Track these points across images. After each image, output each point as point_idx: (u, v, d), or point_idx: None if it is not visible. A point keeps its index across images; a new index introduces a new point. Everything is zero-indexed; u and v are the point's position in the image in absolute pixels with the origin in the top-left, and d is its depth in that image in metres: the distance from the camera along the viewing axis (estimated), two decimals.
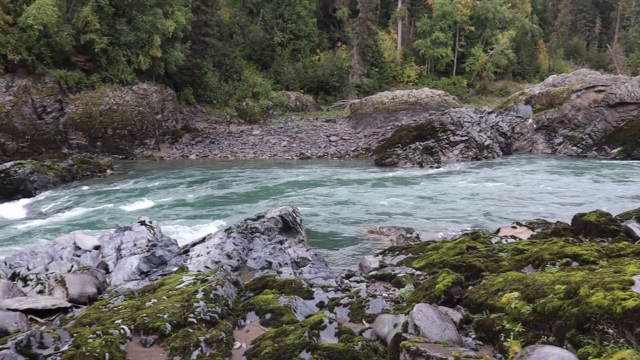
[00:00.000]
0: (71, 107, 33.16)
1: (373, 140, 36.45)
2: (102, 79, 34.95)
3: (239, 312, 5.85)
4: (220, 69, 44.91)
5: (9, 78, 31.60)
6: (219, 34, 47.21)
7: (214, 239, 10.44)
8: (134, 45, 35.40)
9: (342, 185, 23.02)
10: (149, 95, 36.11)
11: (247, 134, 38.66)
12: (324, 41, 55.63)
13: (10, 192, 20.27)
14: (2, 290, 6.81)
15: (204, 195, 20.78)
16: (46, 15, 30.79)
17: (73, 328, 5.42)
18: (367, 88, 49.88)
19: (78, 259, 9.35)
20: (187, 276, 6.75)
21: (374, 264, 9.54)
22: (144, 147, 33.65)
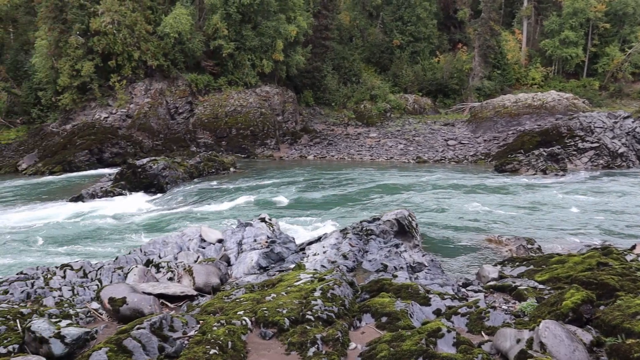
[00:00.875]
0: (200, 108, 35.44)
1: (493, 146, 34.99)
2: (228, 82, 37.01)
3: (355, 313, 5.87)
4: (339, 71, 45.62)
5: (148, 82, 34.48)
6: (338, 38, 47.97)
7: (329, 238, 10.57)
8: (258, 49, 37.06)
9: (459, 190, 22.33)
10: (271, 98, 37.58)
11: (364, 136, 38.85)
12: (444, 43, 54.37)
13: (145, 186, 22.10)
14: (139, 274, 7.42)
15: (319, 195, 21.19)
16: (181, 24, 33.21)
17: (199, 315, 5.75)
18: (488, 91, 47.97)
19: (203, 251, 9.92)
20: (305, 274, 6.90)
21: (492, 274, 9.13)
22: (265, 147, 35.04)
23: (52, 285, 7.69)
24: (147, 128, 33.11)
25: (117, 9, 32.23)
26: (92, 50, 32.81)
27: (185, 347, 4.77)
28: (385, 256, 9.16)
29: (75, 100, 33.48)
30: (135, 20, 33.18)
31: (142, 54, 33.62)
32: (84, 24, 32.70)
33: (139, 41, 33.45)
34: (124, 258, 9.16)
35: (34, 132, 35.59)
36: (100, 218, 17.89)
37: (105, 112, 33.40)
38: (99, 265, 8.49)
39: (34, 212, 19.37)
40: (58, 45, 33.04)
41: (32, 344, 4.89)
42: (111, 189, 21.43)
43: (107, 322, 6.06)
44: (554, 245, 13.51)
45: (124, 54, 33.21)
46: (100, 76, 33.52)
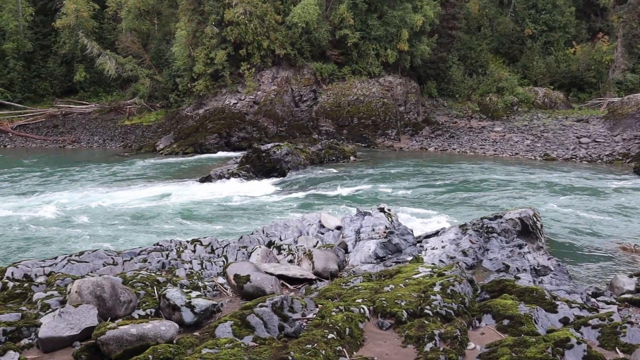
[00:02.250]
0: (323, 96, 36.11)
1: (633, 145, 31.95)
2: (352, 71, 37.29)
3: (475, 312, 5.68)
4: (465, 62, 44.10)
5: (275, 70, 35.78)
6: (466, 27, 46.31)
7: (448, 233, 10.32)
8: (383, 39, 36.89)
9: (591, 192, 20.73)
10: (394, 88, 37.32)
11: (488, 130, 37.31)
12: (582, 32, 50.34)
13: (268, 170, 23.06)
14: (261, 255, 7.75)
15: (437, 189, 20.76)
16: (309, 14, 33.96)
17: (317, 299, 5.89)
18: (630, 85, 43.79)
19: (322, 236, 10.13)
20: (423, 267, 6.80)
21: (628, 286, 8.41)
22: (385, 137, 34.92)
23: (184, 258, 8.28)
24: (272, 114, 34.41)
25: (249, 0, 33.69)
26: (225, 39, 34.65)
27: (304, 329, 4.91)
28: (507, 256, 8.76)
29: (208, 86, 35.64)
30: (265, 10, 34.49)
31: (271, 43, 34.89)
32: (219, 15, 34.60)
33: (268, 31, 34.75)
34: (248, 238, 9.62)
35: (170, 115, 38.51)
36: (226, 198, 18.99)
37: (235, 98, 35.18)
38: (225, 243, 9.00)
39: (169, 187, 21.04)
40: (195, 35, 35.31)
41: (166, 310, 5.29)
42: (237, 172, 22.60)
43: (231, 297, 6.41)
44: None
45: (254, 43, 34.70)
46: (231, 64, 35.36)
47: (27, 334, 4.69)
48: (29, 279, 6.77)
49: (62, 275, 6.70)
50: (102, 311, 4.96)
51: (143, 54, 42.66)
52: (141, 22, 43.59)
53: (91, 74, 42.77)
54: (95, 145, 36.76)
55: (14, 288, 6.22)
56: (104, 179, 23.76)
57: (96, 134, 38.45)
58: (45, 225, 15.51)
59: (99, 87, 44.36)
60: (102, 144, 36.88)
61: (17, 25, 41.42)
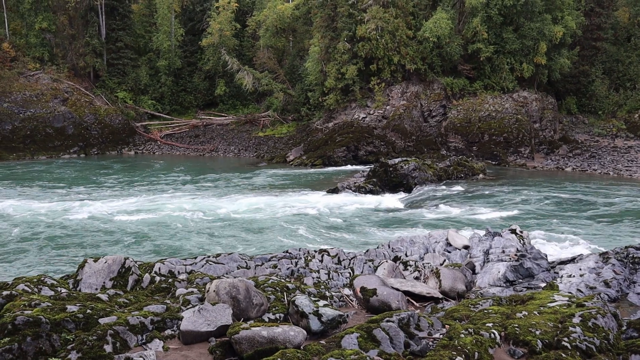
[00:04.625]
0: (453, 112, 35.35)
1: None
2: (484, 86, 36.10)
3: (620, 351, 5.21)
4: (610, 76, 40.72)
5: (404, 85, 35.73)
6: (613, 38, 42.79)
7: (587, 261, 9.56)
8: (519, 52, 35.33)
9: None
10: (529, 104, 35.51)
11: (636, 150, 34.06)
12: None
13: (394, 185, 23.01)
14: (388, 269, 7.76)
15: (574, 211, 19.34)
16: (441, 28, 33.54)
17: (444, 319, 5.76)
18: None
19: (448, 255, 9.90)
20: (559, 296, 6.38)
21: None
22: (518, 155, 33.30)
23: (311, 266, 8.52)
24: (400, 129, 34.35)
25: (381, 16, 34.06)
26: (356, 55, 35.30)
27: (430, 349, 4.83)
28: None
29: (338, 100, 36.49)
30: (397, 25, 34.62)
31: (402, 58, 34.94)
32: (351, 31, 35.37)
33: (399, 46, 34.83)
34: (374, 251, 9.67)
35: (301, 128, 39.98)
36: (352, 210, 19.25)
37: (364, 113, 35.64)
38: (352, 255, 9.13)
39: (298, 197, 21.82)
40: (327, 51, 36.41)
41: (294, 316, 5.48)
42: (363, 185, 22.82)
43: (357, 309, 6.47)
44: None
45: (385, 58, 34.96)
46: (361, 79, 35.93)
47: (170, 325, 5.11)
48: (172, 275, 7.39)
49: (201, 274, 7.21)
50: (236, 311, 5.26)
51: (278, 69, 44.84)
52: (277, 40, 45.91)
53: (230, 88, 45.80)
54: (231, 154, 39.17)
55: (160, 282, 6.81)
56: (238, 187, 25.22)
57: (232, 143, 40.99)
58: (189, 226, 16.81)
59: (236, 100, 47.37)
60: (237, 154, 39.22)
61: (169, 45, 45.64)
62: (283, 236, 15.62)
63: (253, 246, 14.37)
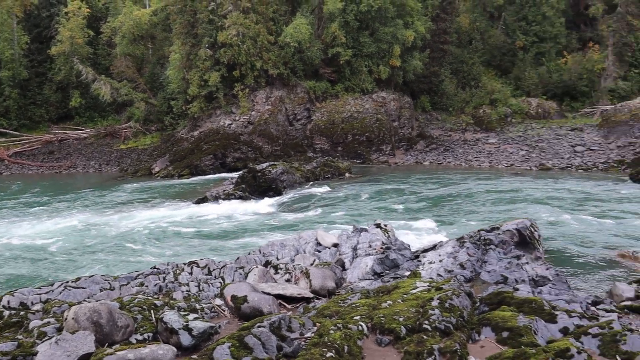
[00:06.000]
0: (317, 114, 36.29)
1: (628, 152, 32.11)
2: (345, 88, 37.55)
3: (474, 325, 5.65)
4: (457, 76, 44.46)
5: (268, 90, 35.98)
6: (457, 41, 46.77)
7: (446, 247, 10.30)
8: (375, 55, 37.22)
9: (587, 201, 20.74)
10: (387, 103, 37.53)
11: (483, 142, 37.47)
12: (573, 42, 50.88)
13: (264, 190, 23.04)
14: (259, 275, 7.72)
15: (434, 202, 20.75)
16: (301, 33, 34.29)
17: (315, 317, 5.86)
18: (623, 93, 44.14)
19: (318, 254, 10.12)
20: (421, 282, 6.78)
21: (627, 293, 8.34)
22: (380, 153, 35.03)
23: (181, 280, 8.23)
24: (267, 134, 34.52)
25: (242, 22, 34.00)
26: (219, 61, 34.88)
27: (302, 348, 4.87)
28: (505, 268, 8.74)
29: (202, 108, 35.79)
30: (258, 31, 34.78)
31: (264, 63, 35.14)
32: (212, 37, 34.89)
33: (261, 51, 35.00)
34: (245, 258, 9.59)
35: (166, 138, 38.61)
36: (222, 219, 18.94)
37: (229, 119, 35.31)
38: (222, 264, 8.96)
39: (165, 210, 20.97)
40: (189, 58, 35.57)
41: (163, 334, 5.25)
42: (233, 192, 22.58)
43: (229, 318, 6.36)
44: None
45: (247, 64, 34.94)
46: (225, 85, 35.55)
47: None
48: (25, 307, 6.72)
49: (58, 302, 6.65)
50: (100, 337, 4.92)
51: (137, 78, 42.91)
52: (135, 47, 43.90)
53: (86, 100, 42.97)
54: (92, 169, 36.76)
55: (10, 317, 6.16)
56: (99, 204, 23.71)
57: (92, 158, 38.48)
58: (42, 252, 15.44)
59: (94, 112, 44.54)
60: (98, 169, 36.89)
61: (12, 54, 41.71)
62: (151, 252, 14.94)
63: (118, 266, 13.56)
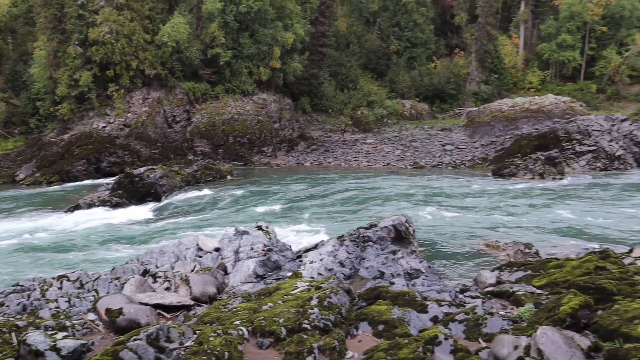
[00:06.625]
0: (197, 116, 35.50)
1: (490, 150, 35.06)
2: (226, 90, 37.10)
3: (352, 321, 5.86)
4: (336, 78, 45.74)
5: (145, 91, 34.54)
6: (335, 45, 48.13)
7: (326, 246, 10.55)
8: (256, 57, 37.18)
9: (457, 195, 22.34)
10: (268, 105, 37.66)
11: (361, 142, 38.91)
12: (441, 48, 54.57)
13: (142, 195, 22.09)
14: (136, 285, 7.40)
15: (316, 202, 21.18)
16: (179, 32, 33.33)
17: (195, 325, 5.74)
18: (485, 95, 48.12)
19: (200, 260, 9.91)
20: (302, 282, 6.90)
21: (490, 280, 9.10)
22: (262, 155, 35.08)
23: (49, 296, 7.67)
24: (144, 137, 33.13)
25: (115, 19, 32.32)
26: (90, 60, 32.87)
27: (182, 358, 4.76)
28: (382, 263, 9.15)
29: (73, 110, 33.51)
30: (133, 29, 33.25)
31: (140, 63, 33.69)
32: (83, 34, 32.79)
33: (136, 50, 33.51)
34: (121, 268, 9.14)
35: (31, 142, 35.58)
36: (97, 228, 17.87)
37: (103, 122, 33.42)
38: (96, 276, 8.48)
39: (31, 222, 19.33)
40: (56, 56, 33.10)
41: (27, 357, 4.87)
42: (108, 198, 21.41)
43: (104, 333, 6.05)
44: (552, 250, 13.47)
45: (122, 64, 33.28)
46: (98, 86, 33.56)
47: None
48: None
49: None
50: None
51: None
52: None
53: None
54: None
55: None
56: None
57: None
58: None
59: None
60: None
61: None
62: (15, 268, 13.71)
63: None
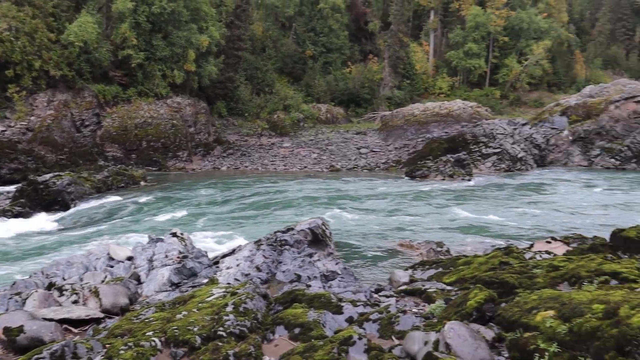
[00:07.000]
0: (108, 120, 34.04)
1: (403, 153, 36.28)
2: (138, 93, 35.83)
3: (268, 325, 5.85)
4: (252, 82, 45.52)
5: (51, 93, 32.64)
6: (251, 48, 47.91)
7: (243, 251, 10.47)
8: (169, 59, 36.23)
9: (372, 197, 22.92)
10: (183, 109, 36.81)
11: (278, 146, 38.96)
12: (356, 54, 55.82)
13: (48, 203, 20.84)
14: (39, 300, 6.98)
15: (233, 207, 20.96)
16: (87, 32, 31.79)
17: (105, 339, 5.51)
18: (398, 100, 49.75)
19: (111, 270, 9.52)
20: (217, 289, 6.80)
21: (403, 279, 9.41)
22: (177, 160, 34.23)
23: None
24: (50, 142, 31.30)
25: (14, 15, 30.33)
26: None
27: None
28: (299, 266, 9.21)
29: None
30: (35, 27, 31.33)
31: (44, 63, 31.78)
32: None
33: (40, 50, 31.60)
34: (23, 282, 8.59)
35: None
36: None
37: (2, 125, 31.19)
38: None
39: None
40: None
41: None
42: (9, 208, 20.00)
43: (2, 354, 5.66)
44: (462, 247, 14.13)
45: (24, 63, 31.24)
46: None
47: None
48: None
49: None
50: None
51: None
52: None
53: None
54: None
55: None
56: None
57: None
58: None
59: None
60: None
61: None
62: None
63: None
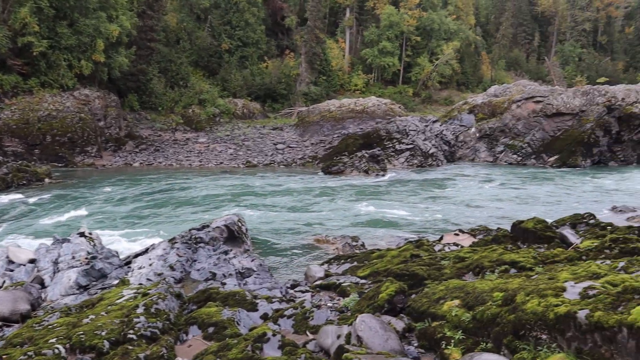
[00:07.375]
0: (6, 112, 31.75)
1: (320, 149, 36.66)
2: (41, 83, 33.67)
3: (181, 326, 5.72)
4: (166, 75, 44.12)
5: None
6: (165, 40, 46.41)
7: (157, 250, 10.17)
8: (76, 49, 34.33)
9: (289, 193, 22.99)
10: (91, 102, 35.04)
11: (193, 141, 38.10)
12: (272, 49, 55.63)
13: None
14: None
15: (147, 205, 20.27)
16: None
17: (2, 349, 5.15)
18: (314, 96, 50.16)
19: (11, 274, 8.93)
20: (128, 290, 6.55)
21: (319, 274, 9.51)
22: (85, 155, 32.57)
23: None
24: None
25: None
26: None
27: None
28: (214, 264, 9.07)
29: None
30: None
31: None
32: None
33: None
34: None
35: None
36: None
37: None
38: None
39: None
40: None
41: None
42: None
43: None
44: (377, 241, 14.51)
45: None
46: None
47: None
48: None
49: None
50: None
51: None
52: None
53: None
54: None
55: None
56: None
57: None
58: None
59: None
60: None
61: None
62: None
63: None
